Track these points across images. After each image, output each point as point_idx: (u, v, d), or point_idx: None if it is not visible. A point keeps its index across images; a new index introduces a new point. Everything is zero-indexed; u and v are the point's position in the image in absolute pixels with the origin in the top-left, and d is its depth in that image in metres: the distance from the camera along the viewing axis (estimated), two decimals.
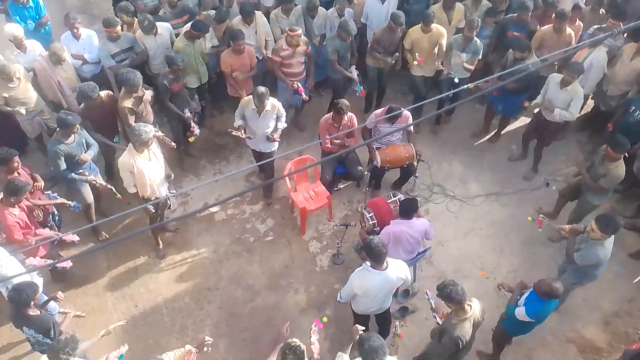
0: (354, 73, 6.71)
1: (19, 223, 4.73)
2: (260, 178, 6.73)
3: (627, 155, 5.53)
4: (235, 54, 6.30)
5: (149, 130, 4.94)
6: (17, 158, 4.96)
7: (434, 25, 6.53)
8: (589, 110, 7.17)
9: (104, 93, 5.68)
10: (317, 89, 7.60)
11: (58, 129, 5.21)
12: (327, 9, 7.01)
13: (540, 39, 6.55)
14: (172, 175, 5.47)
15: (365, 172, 6.20)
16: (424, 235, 5.01)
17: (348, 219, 6.28)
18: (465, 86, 6.08)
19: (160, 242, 5.97)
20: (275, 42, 6.79)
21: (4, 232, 4.72)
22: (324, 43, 6.83)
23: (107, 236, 6.07)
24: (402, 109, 5.55)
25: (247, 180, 6.80)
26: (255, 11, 6.66)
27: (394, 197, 5.36)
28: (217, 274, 5.84)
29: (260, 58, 6.87)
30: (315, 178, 6.28)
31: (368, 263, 4.22)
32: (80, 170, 5.39)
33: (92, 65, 6.47)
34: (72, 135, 5.21)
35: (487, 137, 7.30)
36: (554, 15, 6.46)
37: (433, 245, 5.81)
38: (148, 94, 5.84)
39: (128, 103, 5.60)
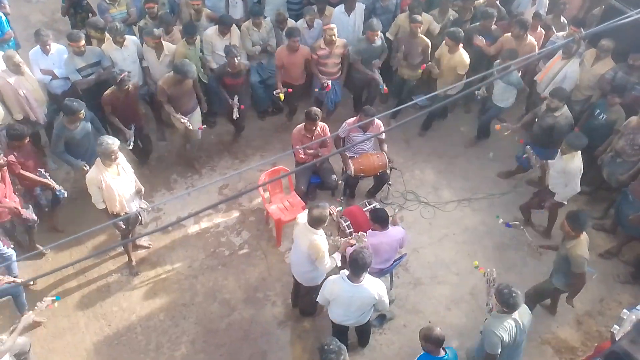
0: (376, 73, 6.82)
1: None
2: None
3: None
4: (289, 51, 6.49)
5: (112, 142, 4.84)
6: (28, 138, 5.29)
7: (460, 52, 6.51)
8: None
9: (132, 83, 5.94)
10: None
11: (64, 115, 5.41)
12: (296, 21, 7.06)
13: (501, 45, 6.72)
14: (143, 190, 5.38)
15: (340, 182, 6.22)
16: (400, 243, 5.02)
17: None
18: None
19: (133, 259, 5.84)
20: (247, 55, 6.90)
21: None
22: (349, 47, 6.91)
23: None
24: (374, 117, 5.59)
25: (220, 192, 6.72)
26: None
27: (369, 205, 5.38)
28: (192, 290, 5.73)
29: None
30: (290, 189, 6.27)
31: (346, 272, 4.21)
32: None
33: (62, 81, 6.34)
34: (78, 122, 5.46)
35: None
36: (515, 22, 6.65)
37: (409, 252, 5.84)
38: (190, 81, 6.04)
39: (165, 85, 5.96)
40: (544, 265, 5.67)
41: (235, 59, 6.18)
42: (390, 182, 6.36)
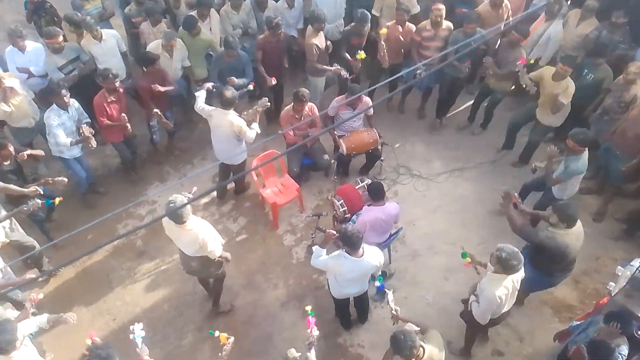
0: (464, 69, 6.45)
1: (106, 109, 5.77)
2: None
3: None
4: (398, 24, 6.53)
5: (179, 200, 4.25)
6: (158, 61, 6.05)
7: (568, 79, 5.78)
8: None
9: (283, 32, 6.43)
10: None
11: (224, 49, 6.17)
12: (276, 1, 6.97)
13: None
14: None
15: (332, 161, 6.23)
16: (395, 218, 5.08)
17: (319, 208, 6.31)
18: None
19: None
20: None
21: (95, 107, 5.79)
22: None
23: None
24: (360, 93, 5.58)
25: (213, 181, 6.73)
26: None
27: (362, 182, 5.41)
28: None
29: None
30: (283, 172, 6.28)
31: (344, 249, 4.26)
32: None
33: (38, 79, 6.25)
34: (233, 57, 6.18)
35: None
36: None
37: (404, 225, 5.90)
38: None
39: (314, 40, 6.29)
40: None
41: (365, 27, 6.48)
42: (382, 158, 6.38)
